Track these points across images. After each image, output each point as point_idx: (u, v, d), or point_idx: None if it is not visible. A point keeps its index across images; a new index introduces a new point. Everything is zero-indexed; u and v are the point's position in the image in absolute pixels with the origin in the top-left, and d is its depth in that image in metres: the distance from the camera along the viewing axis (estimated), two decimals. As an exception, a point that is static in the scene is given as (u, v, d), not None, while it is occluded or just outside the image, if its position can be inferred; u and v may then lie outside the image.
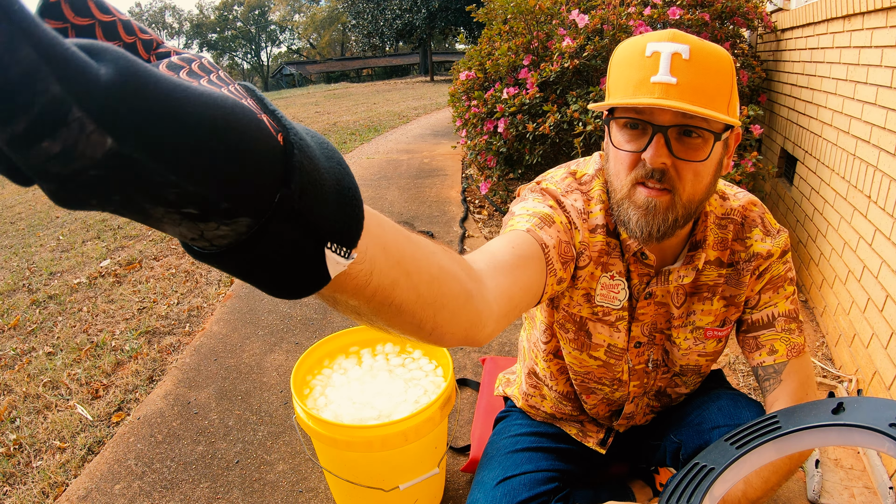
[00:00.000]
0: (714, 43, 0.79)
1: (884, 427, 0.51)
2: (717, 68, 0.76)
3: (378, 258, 0.36)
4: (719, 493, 0.59)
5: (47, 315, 2.96)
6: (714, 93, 0.76)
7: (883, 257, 1.71)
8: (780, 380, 0.92)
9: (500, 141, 3.09)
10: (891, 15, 1.72)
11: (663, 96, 0.75)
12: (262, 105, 0.28)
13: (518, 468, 1.04)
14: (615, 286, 0.93)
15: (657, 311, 0.97)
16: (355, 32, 29.16)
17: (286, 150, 0.27)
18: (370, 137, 8.11)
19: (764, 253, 0.93)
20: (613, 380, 1.02)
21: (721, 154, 0.83)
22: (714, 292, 0.95)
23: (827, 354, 2.09)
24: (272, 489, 1.61)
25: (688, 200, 0.80)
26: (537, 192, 0.91)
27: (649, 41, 0.77)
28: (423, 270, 0.42)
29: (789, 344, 0.93)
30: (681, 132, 0.78)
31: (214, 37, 52.38)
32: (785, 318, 0.94)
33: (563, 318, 0.98)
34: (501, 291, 0.63)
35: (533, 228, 0.80)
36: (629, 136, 0.81)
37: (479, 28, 17.62)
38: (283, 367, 2.23)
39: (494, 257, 0.69)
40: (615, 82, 0.82)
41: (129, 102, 0.20)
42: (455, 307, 0.48)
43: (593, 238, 0.91)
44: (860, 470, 1.52)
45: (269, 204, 0.26)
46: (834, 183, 2.19)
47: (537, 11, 2.97)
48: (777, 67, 3.10)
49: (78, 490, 1.67)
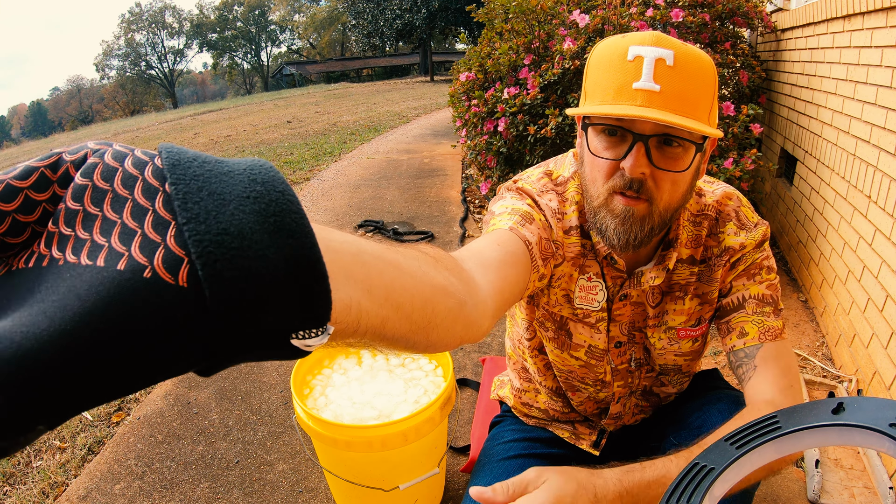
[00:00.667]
0: (696, 47, 0.76)
1: (884, 427, 0.51)
2: (701, 75, 0.74)
3: (363, 304, 0.33)
4: (719, 493, 0.59)
5: (47, 315, 2.96)
6: (697, 101, 0.74)
7: (883, 257, 1.71)
8: (755, 366, 0.85)
9: (500, 141, 3.09)
10: (891, 15, 1.72)
11: (646, 104, 0.72)
12: (171, 205, 0.23)
13: (508, 476, 1.04)
14: (593, 287, 0.93)
15: (634, 311, 0.96)
16: (355, 32, 29.18)
17: (195, 288, 0.22)
18: (370, 137, 8.11)
19: (736, 246, 0.89)
20: (596, 380, 1.01)
21: (699, 161, 0.81)
22: (686, 291, 0.93)
23: (827, 354, 2.09)
24: (272, 489, 1.61)
25: (664, 209, 0.80)
26: (514, 192, 0.91)
27: (632, 44, 0.74)
28: (416, 298, 0.40)
29: (762, 326, 0.86)
30: (661, 141, 0.76)
31: (214, 37, 52.39)
32: (757, 300, 0.88)
33: (542, 317, 0.98)
34: (493, 288, 0.64)
35: (515, 226, 0.80)
36: (608, 143, 0.79)
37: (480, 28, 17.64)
38: (283, 367, 2.23)
39: (482, 255, 0.70)
40: (594, 85, 0.79)
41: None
42: (449, 322, 0.47)
43: (568, 239, 0.90)
44: (860, 470, 1.52)
45: (203, 338, 0.23)
46: (834, 183, 2.19)
47: (538, 11, 2.97)
48: (777, 67, 3.10)
49: (78, 490, 1.67)
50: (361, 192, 4.85)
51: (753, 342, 0.86)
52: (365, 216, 4.13)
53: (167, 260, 0.22)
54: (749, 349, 0.86)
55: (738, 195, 0.94)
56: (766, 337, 0.86)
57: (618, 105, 0.73)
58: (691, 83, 0.73)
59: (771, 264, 0.91)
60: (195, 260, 0.22)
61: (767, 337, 0.86)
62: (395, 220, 4.03)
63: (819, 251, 2.33)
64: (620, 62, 0.75)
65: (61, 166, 0.25)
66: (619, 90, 0.74)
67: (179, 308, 0.22)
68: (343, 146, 7.41)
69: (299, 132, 9.32)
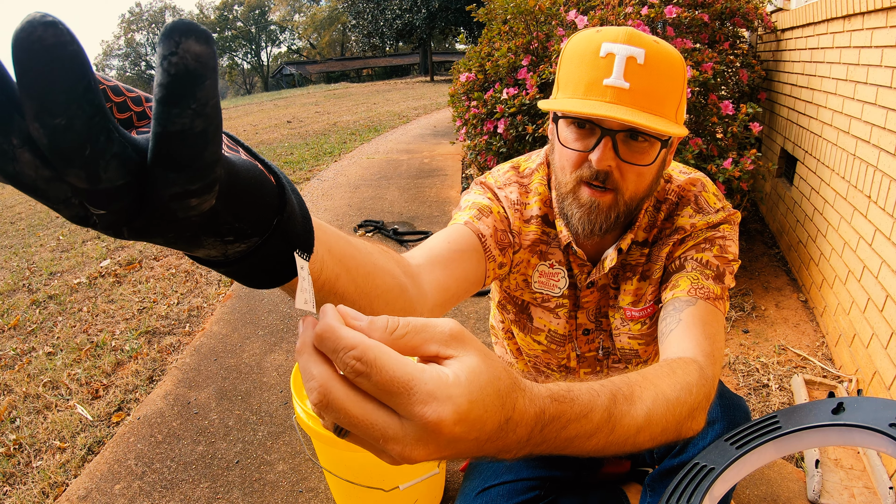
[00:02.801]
0: (669, 44, 0.78)
1: (884, 427, 0.51)
2: (670, 73, 0.76)
3: (325, 258, 0.45)
4: (719, 493, 0.59)
5: (47, 315, 2.96)
6: (664, 99, 0.76)
7: (883, 257, 1.71)
8: (680, 320, 0.78)
9: (500, 141, 3.09)
10: (891, 15, 1.72)
11: (615, 101, 0.74)
12: (250, 153, 0.37)
13: (498, 478, 1.04)
14: (555, 275, 0.96)
15: (601, 296, 0.99)
16: (355, 32, 29.16)
17: (280, 190, 0.38)
18: (370, 137, 8.11)
19: (687, 226, 0.89)
20: (560, 366, 1.04)
21: (665, 154, 0.83)
22: (635, 272, 0.95)
23: (827, 354, 2.09)
24: (272, 489, 1.61)
25: (630, 199, 0.82)
26: (479, 185, 0.98)
27: (605, 40, 0.76)
28: (360, 266, 0.51)
29: (696, 283, 0.83)
30: (628, 135, 0.78)
31: (215, 36, 52.15)
32: (699, 262, 0.85)
33: (504, 299, 1.03)
34: (438, 284, 0.71)
35: (471, 220, 0.87)
36: (577, 135, 0.81)
37: (480, 28, 17.64)
38: (283, 367, 2.23)
39: (432, 252, 0.77)
40: (566, 78, 0.81)
41: (227, 183, 0.31)
42: (390, 298, 0.56)
43: (527, 227, 0.95)
44: (860, 470, 1.52)
45: (270, 226, 0.37)
46: (834, 183, 2.19)
47: (537, 12, 2.97)
48: (777, 67, 3.10)
49: (78, 490, 1.67)
50: (361, 192, 4.85)
51: (682, 294, 0.82)
52: (365, 216, 4.13)
53: (263, 169, 0.37)
54: (678, 302, 0.81)
55: (703, 181, 0.94)
56: (698, 294, 0.81)
57: (588, 101, 0.76)
58: (660, 81, 0.76)
59: (726, 245, 0.88)
60: (282, 180, 0.38)
61: (699, 294, 0.81)
62: (395, 220, 4.02)
63: (819, 251, 2.33)
64: (593, 58, 0.77)
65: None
66: (589, 85, 0.76)
67: (274, 197, 0.37)
68: (343, 146, 7.41)
69: (299, 132, 9.31)
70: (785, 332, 2.24)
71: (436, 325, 0.34)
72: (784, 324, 2.30)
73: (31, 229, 4.84)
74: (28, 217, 5.35)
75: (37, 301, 3.14)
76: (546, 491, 1.04)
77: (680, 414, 0.57)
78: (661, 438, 0.55)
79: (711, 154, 2.43)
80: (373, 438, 0.31)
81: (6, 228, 5.04)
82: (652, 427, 0.53)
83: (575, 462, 1.13)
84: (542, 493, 1.03)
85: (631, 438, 0.50)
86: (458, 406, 0.31)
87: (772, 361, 2.05)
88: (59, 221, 4.95)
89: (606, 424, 0.47)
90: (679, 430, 0.58)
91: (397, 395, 0.30)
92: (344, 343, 0.30)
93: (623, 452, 0.52)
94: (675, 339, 0.76)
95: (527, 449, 0.39)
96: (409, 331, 0.33)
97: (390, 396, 0.31)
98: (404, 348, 0.33)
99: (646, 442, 0.53)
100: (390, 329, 0.33)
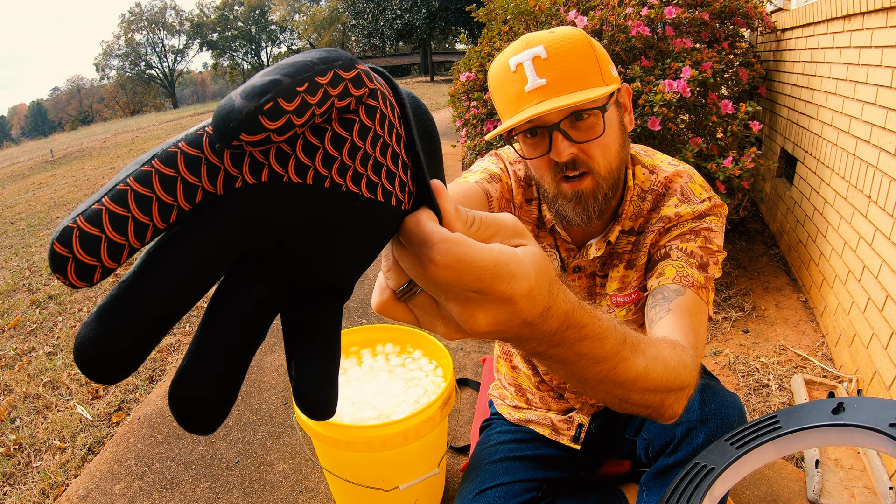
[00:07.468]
0: (563, 27, 0.85)
1: (884, 427, 0.51)
2: (574, 49, 0.81)
3: None
4: (719, 493, 0.59)
5: (47, 315, 2.96)
6: (581, 72, 0.81)
7: (883, 257, 1.71)
8: (669, 309, 0.80)
9: (500, 142, 3.09)
10: (891, 15, 1.72)
11: (542, 98, 0.81)
12: (409, 150, 0.36)
13: (495, 479, 1.04)
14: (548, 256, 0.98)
15: (590, 283, 1.01)
16: (355, 32, 29.17)
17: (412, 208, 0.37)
18: (370, 137, 8.10)
19: (672, 216, 0.91)
20: None
21: (619, 116, 0.88)
22: (622, 259, 0.98)
23: (827, 354, 2.09)
24: (272, 489, 1.61)
25: (607, 173, 0.87)
26: (493, 156, 1.03)
27: (509, 57, 0.84)
28: None
29: (681, 271, 0.85)
30: (572, 120, 0.83)
31: (215, 36, 52.40)
32: (684, 252, 0.88)
33: None
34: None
35: (481, 181, 0.92)
36: (533, 144, 0.88)
37: (480, 28, 17.63)
38: (283, 367, 2.23)
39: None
40: (499, 105, 0.88)
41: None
42: None
43: (528, 206, 1.00)
44: (860, 470, 1.52)
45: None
46: (834, 183, 2.19)
47: (537, 12, 2.97)
48: (777, 67, 3.10)
49: (78, 490, 1.67)
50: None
51: (667, 281, 0.85)
52: (365, 216, 4.13)
53: (407, 195, 0.33)
54: (665, 290, 0.84)
55: (690, 173, 0.96)
56: (683, 281, 0.84)
57: (520, 112, 0.82)
58: (569, 62, 0.81)
59: (711, 236, 0.89)
60: (417, 195, 0.34)
61: (684, 282, 0.84)
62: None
63: (819, 251, 2.33)
64: (507, 75, 0.84)
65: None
66: (516, 99, 0.83)
67: (400, 217, 0.33)
68: (343, 146, 7.41)
69: (299, 132, 9.30)
70: (785, 332, 2.24)
71: (502, 219, 0.37)
72: (784, 324, 2.30)
73: (31, 229, 4.85)
74: (28, 217, 5.35)
75: (37, 301, 3.15)
76: (544, 492, 1.04)
77: (672, 382, 0.57)
78: (648, 399, 0.55)
79: (711, 153, 2.43)
80: (456, 295, 0.33)
81: (6, 228, 5.04)
82: (646, 382, 0.53)
83: (572, 462, 1.13)
84: (539, 494, 1.03)
85: (627, 384, 0.50)
86: (531, 283, 0.34)
87: (772, 361, 2.05)
88: (59, 221, 4.95)
89: (614, 358, 0.47)
90: (664, 401, 0.57)
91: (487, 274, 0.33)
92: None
93: (611, 399, 0.52)
94: (663, 326, 0.78)
95: (544, 345, 0.40)
96: (481, 225, 0.36)
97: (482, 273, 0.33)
98: (477, 231, 0.36)
99: (634, 396, 0.53)
100: (469, 222, 0.35)
